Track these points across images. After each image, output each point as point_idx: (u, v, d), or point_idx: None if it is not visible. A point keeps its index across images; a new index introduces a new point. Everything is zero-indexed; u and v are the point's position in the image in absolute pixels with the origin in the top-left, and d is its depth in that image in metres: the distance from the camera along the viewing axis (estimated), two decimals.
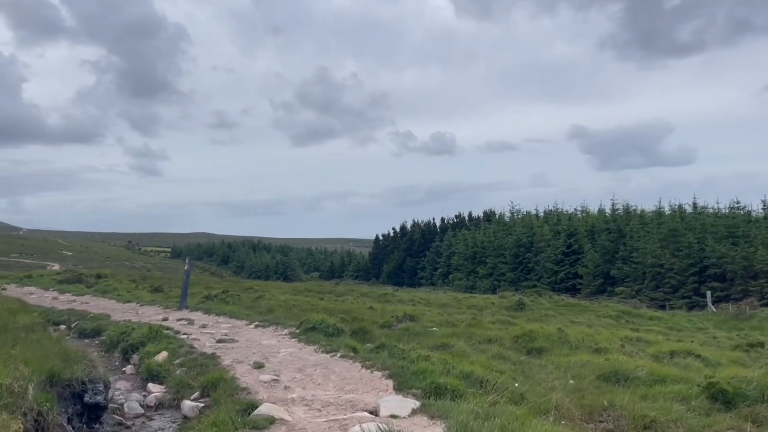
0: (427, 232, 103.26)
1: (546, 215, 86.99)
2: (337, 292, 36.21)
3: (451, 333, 12.76)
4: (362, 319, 13.83)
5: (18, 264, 69.93)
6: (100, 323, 10.20)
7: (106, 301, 15.00)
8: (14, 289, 19.46)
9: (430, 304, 36.54)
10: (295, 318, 14.06)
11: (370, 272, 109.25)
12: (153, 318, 11.43)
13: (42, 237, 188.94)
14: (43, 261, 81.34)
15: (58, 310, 12.64)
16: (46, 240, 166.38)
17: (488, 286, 76.61)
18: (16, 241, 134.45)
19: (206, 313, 12.08)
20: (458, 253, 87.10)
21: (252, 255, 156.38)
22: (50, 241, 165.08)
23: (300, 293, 33.46)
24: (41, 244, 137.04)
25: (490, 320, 19.23)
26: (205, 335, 9.52)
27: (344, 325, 12.04)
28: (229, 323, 10.82)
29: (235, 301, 15.72)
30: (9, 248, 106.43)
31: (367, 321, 13.89)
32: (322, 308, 16.21)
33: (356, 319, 13.89)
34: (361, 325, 10.80)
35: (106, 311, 12.51)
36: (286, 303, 17.60)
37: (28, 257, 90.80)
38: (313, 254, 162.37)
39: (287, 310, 15.59)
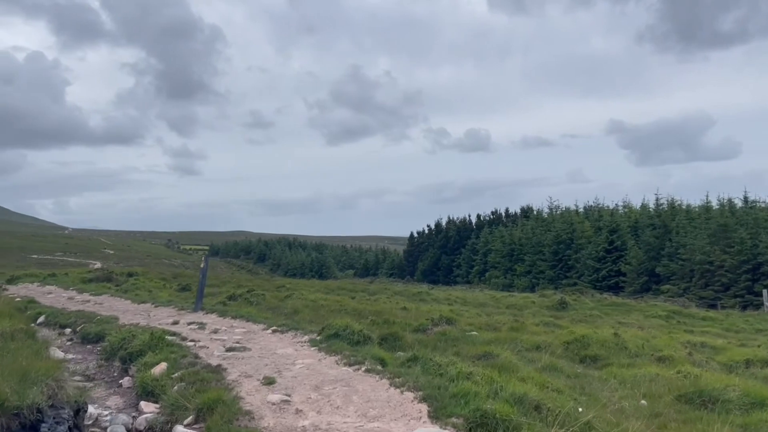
0: (463, 229, 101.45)
1: (586, 211, 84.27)
2: (370, 290, 35.10)
3: (492, 338, 11.46)
4: (393, 322, 12.62)
5: (62, 262, 71.26)
6: (104, 327, 9.28)
7: (121, 302, 14.17)
8: (35, 288, 18.91)
9: (467, 303, 35.14)
10: (322, 320, 12.95)
11: (405, 270, 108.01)
12: (163, 321, 10.47)
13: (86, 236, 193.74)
14: (85, 259, 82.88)
15: (68, 311, 11.82)
16: (89, 239, 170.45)
17: (526, 285, 74.53)
18: (61, 240, 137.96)
19: (222, 315, 11.08)
20: (495, 251, 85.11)
21: (288, 253, 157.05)
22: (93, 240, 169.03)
23: (332, 292, 32.45)
24: (85, 243, 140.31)
25: (533, 322, 17.81)
26: (215, 342, 8.46)
27: (372, 330, 10.85)
28: (245, 328, 9.76)
29: (258, 301, 14.71)
30: (54, 247, 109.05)
31: (398, 324, 12.68)
32: (351, 309, 15.06)
33: (387, 321, 12.69)
34: (391, 330, 9.58)
35: (117, 313, 11.62)
36: (314, 303, 16.53)
37: (72, 255, 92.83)
38: (348, 252, 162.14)
39: (314, 311, 14.50)
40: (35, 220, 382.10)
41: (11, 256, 73.97)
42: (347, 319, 9.00)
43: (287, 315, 12.91)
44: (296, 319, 12.07)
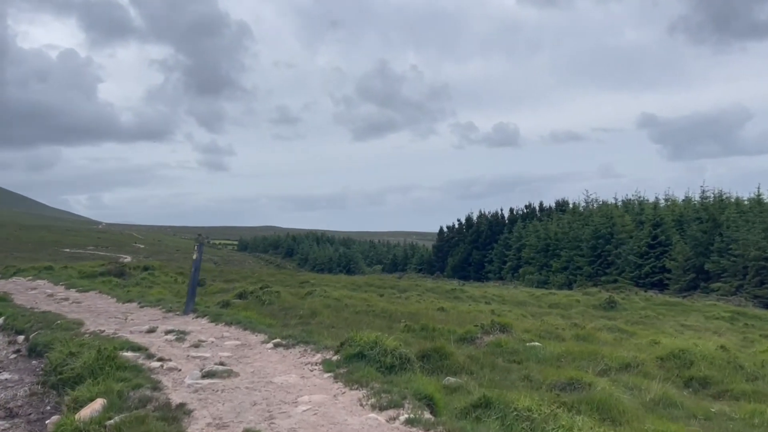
0: (495, 224, 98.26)
1: (625, 204, 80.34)
2: (399, 287, 32.66)
3: (562, 352, 8.91)
4: (433, 329, 10.17)
5: (93, 256, 70.86)
6: (57, 336, 7.08)
7: (104, 300, 12.05)
8: (22, 282, 17.04)
9: (505, 301, 32.50)
10: (344, 324, 10.55)
11: (434, 265, 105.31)
12: (137, 328, 8.24)
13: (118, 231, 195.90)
14: (116, 253, 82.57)
15: (35, 312, 9.74)
16: (121, 233, 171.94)
17: (563, 281, 71.31)
18: (94, 235, 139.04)
19: (214, 320, 8.78)
20: (529, 246, 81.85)
21: (315, 248, 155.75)
22: (125, 234, 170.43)
23: (358, 288, 30.11)
24: (117, 238, 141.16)
25: (593, 327, 15.19)
26: (191, 361, 6.15)
27: (408, 340, 8.42)
28: (239, 339, 7.41)
29: (272, 300, 12.41)
30: (87, 241, 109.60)
31: (439, 331, 10.22)
32: (380, 311, 12.65)
33: (425, 328, 10.24)
34: (435, 345, 7.11)
35: (89, 315, 9.48)
36: (337, 302, 14.18)
37: (103, 250, 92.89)
38: (376, 247, 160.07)
39: (336, 312, 12.13)
40: (70, 215, 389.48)
41: (45, 250, 73.76)
42: (375, 332, 6.54)
43: (302, 318, 10.56)
44: (312, 325, 9.71)
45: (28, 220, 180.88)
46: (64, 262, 44.38)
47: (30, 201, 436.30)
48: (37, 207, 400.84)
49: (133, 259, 60.15)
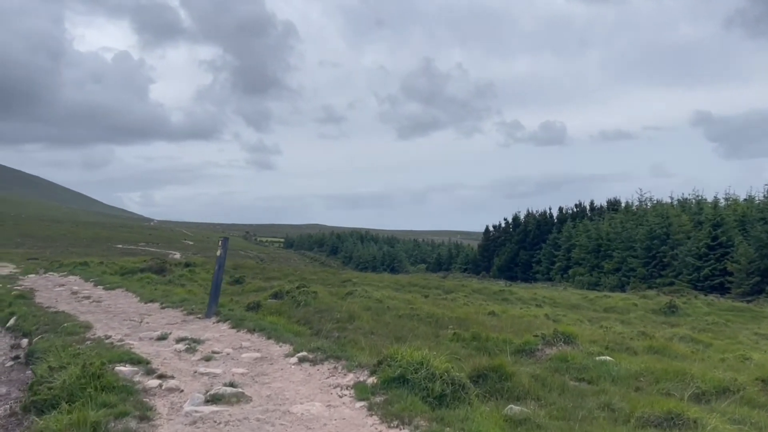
0: (543, 223, 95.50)
1: (681, 204, 76.54)
2: (445, 287, 31.36)
3: (641, 369, 7.56)
4: (486, 338, 8.96)
5: (144, 252, 72.38)
6: (57, 342, 6.22)
7: (127, 300, 11.29)
8: (53, 278, 16.64)
9: (556, 304, 30.81)
10: (385, 331, 9.44)
11: (480, 265, 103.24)
12: (151, 333, 7.35)
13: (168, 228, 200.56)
14: (166, 250, 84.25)
15: (48, 312, 9.04)
16: (171, 230, 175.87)
17: (615, 283, 68.45)
18: (146, 231, 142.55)
19: (236, 326, 7.79)
20: (579, 246, 79.03)
21: (359, 246, 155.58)
22: (176, 231, 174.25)
23: (402, 288, 28.98)
24: (167, 234, 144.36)
25: (663, 335, 13.65)
26: (197, 380, 5.16)
27: (460, 354, 7.24)
28: (259, 351, 6.39)
29: (308, 300, 11.41)
30: (138, 237, 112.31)
31: (494, 341, 9.00)
32: (425, 315, 11.48)
33: (477, 337, 9.04)
34: (493, 363, 5.87)
35: (103, 317, 8.69)
36: (378, 304, 13.08)
37: (154, 246, 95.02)
38: (420, 246, 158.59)
39: (376, 316, 11.03)
40: (123, 212, 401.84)
41: (98, 246, 75.61)
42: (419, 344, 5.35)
43: (339, 323, 9.50)
44: (348, 331, 8.63)
45: (84, 217, 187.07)
46: (116, 257, 44.92)
47: (86, 198, 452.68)
48: (93, 204, 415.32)
49: (181, 255, 60.95)
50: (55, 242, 73.50)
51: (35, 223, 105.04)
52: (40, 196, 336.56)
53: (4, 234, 77.12)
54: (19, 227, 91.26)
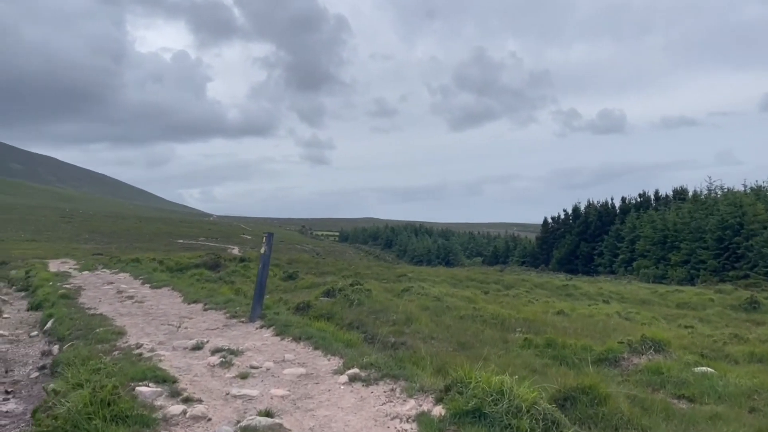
0: (605, 214, 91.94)
1: (755, 192, 71.88)
2: (504, 282, 30.07)
3: (755, 386, 6.37)
4: (563, 345, 7.91)
5: (203, 246, 74.07)
6: (82, 352, 5.63)
7: (171, 300, 10.77)
8: (104, 275, 16.49)
9: (624, 299, 29.06)
10: (446, 335, 8.52)
11: (538, 258, 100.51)
12: (186, 342, 6.67)
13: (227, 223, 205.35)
14: (225, 244, 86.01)
15: (89, 314, 8.58)
16: (230, 225, 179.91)
17: (683, 276, 65.00)
18: (205, 226, 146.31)
19: (280, 333, 7.00)
20: (644, 237, 75.56)
21: (414, 239, 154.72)
22: (234, 226, 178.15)
23: (459, 283, 27.92)
24: (226, 229, 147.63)
25: (756, 336, 12.16)
26: (228, 405, 4.39)
27: (535, 366, 6.27)
28: (304, 366, 5.57)
29: (361, 300, 10.62)
30: (198, 232, 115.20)
31: (571, 347, 7.95)
32: (489, 316, 10.48)
33: (552, 344, 8.01)
34: (582, 383, 4.83)
35: (141, 320, 8.13)
36: (437, 302, 12.16)
37: (213, 240, 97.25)
38: (476, 238, 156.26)
39: (436, 317, 10.13)
40: (184, 208, 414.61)
41: (160, 241, 77.71)
42: (500, 378, 4.35)
43: (395, 326, 8.65)
44: (406, 336, 7.76)
45: (147, 213, 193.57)
46: (176, 252, 45.77)
47: (149, 195, 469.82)
48: (156, 200, 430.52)
49: (239, 249, 61.87)
50: (120, 238, 75.86)
51: (102, 220, 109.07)
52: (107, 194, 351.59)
53: (73, 230, 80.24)
54: (87, 223, 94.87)
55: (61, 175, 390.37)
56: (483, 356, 7.09)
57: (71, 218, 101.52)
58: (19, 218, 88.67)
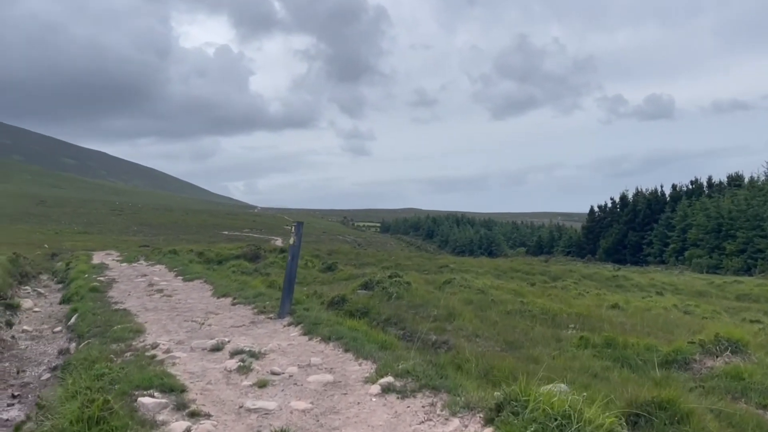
0: (654, 202, 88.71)
1: None
2: (550, 273, 28.96)
3: None
4: (625, 345, 7.12)
5: (247, 238, 75.07)
6: (92, 354, 5.19)
7: (200, 293, 10.38)
8: (140, 267, 16.35)
9: (679, 291, 27.63)
10: (492, 332, 7.82)
11: (584, 248, 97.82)
12: (206, 341, 6.17)
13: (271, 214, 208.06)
14: (268, 236, 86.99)
15: (112, 309, 8.23)
16: (274, 217, 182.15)
17: (739, 266, 62.14)
18: (250, 218, 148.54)
19: (309, 332, 6.41)
20: (696, 226, 72.58)
21: (456, 229, 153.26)
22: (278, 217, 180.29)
23: (503, 275, 26.99)
24: (270, 221, 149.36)
25: None
26: (241, 421, 3.83)
27: (594, 369, 5.57)
28: (332, 371, 4.96)
29: (400, 293, 10.01)
30: (243, 224, 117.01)
31: (633, 347, 7.14)
32: (539, 311, 9.70)
33: (611, 343, 7.22)
34: (660, 397, 4.07)
35: (169, 314, 7.71)
36: (481, 296, 11.43)
37: (257, 232, 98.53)
38: (519, 228, 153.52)
39: (481, 312, 9.42)
40: (230, 200, 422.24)
41: (206, 233, 79.05)
42: (562, 402, 3.59)
43: (436, 322, 8.00)
44: (447, 336, 7.10)
45: (193, 205, 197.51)
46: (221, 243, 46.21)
47: (195, 188, 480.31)
48: (202, 193, 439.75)
49: (282, 240, 62.37)
50: (167, 230, 77.30)
51: (150, 212, 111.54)
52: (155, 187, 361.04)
53: (123, 223, 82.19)
54: (136, 216, 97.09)
55: (112, 169, 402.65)
56: (534, 358, 6.37)
57: (121, 211, 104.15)
58: (72, 211, 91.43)
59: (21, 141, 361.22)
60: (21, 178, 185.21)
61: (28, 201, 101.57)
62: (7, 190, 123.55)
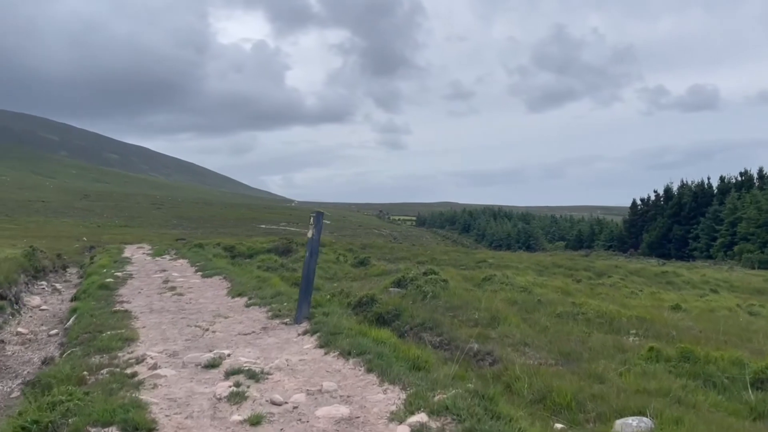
0: (701, 195, 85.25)
1: None
2: (595, 269, 27.49)
3: None
4: (706, 359, 5.98)
5: (284, 231, 75.28)
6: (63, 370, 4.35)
7: (214, 292, 9.55)
8: (163, 262, 15.69)
9: (734, 288, 25.86)
10: (544, 342, 6.79)
11: (626, 242, 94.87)
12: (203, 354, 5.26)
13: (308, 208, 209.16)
14: (305, 229, 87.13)
15: (111, 311, 7.44)
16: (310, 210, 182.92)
17: None
18: (287, 212, 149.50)
19: (325, 344, 5.33)
20: (747, 219, 69.36)
21: (492, 223, 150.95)
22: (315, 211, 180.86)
23: (545, 270, 25.69)
24: (306, 214, 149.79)
25: None
26: None
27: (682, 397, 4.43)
28: (347, 402, 3.89)
29: (436, 292, 9.03)
30: (280, 218, 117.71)
31: (715, 361, 6.00)
32: (593, 313, 8.57)
33: (687, 356, 6.10)
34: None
35: (173, 317, 6.90)
36: (525, 295, 10.36)
37: (294, 225, 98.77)
38: (558, 222, 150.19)
39: (527, 315, 8.36)
40: (267, 194, 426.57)
41: (244, 226, 79.46)
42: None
43: (478, 327, 7.00)
44: (491, 345, 6.10)
45: (232, 199, 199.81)
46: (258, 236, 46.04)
47: (234, 182, 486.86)
48: (240, 187, 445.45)
49: None
50: (206, 223, 77.82)
51: (190, 206, 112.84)
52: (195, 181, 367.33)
53: (163, 216, 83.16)
54: (176, 210, 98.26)
55: (153, 164, 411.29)
56: (598, 375, 5.31)
57: (161, 205, 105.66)
58: (114, 205, 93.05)
59: (67, 137, 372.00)
60: (67, 173, 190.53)
61: (73, 195, 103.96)
62: (54, 185, 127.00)
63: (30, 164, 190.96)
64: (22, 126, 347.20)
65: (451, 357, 6.08)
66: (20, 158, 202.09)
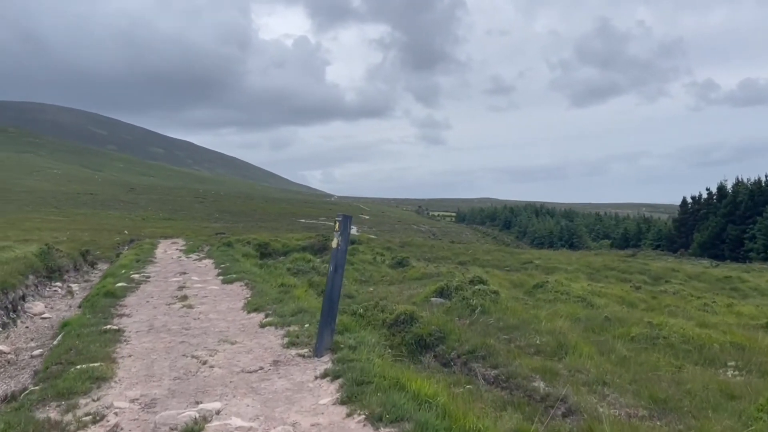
0: (758, 193, 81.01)
1: None
2: (650, 272, 25.59)
3: None
4: None
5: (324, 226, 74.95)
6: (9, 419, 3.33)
7: (228, 304, 8.38)
8: (187, 262, 14.77)
9: None
10: (626, 378, 5.46)
11: (675, 242, 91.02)
12: (187, 412, 4.08)
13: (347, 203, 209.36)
14: None
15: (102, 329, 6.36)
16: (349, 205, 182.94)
17: None
18: (326, 206, 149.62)
19: (349, 399, 3.84)
20: None
21: (534, 220, 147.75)
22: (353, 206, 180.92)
23: (596, 273, 24.00)
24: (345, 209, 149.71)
25: None
26: None
27: None
28: None
29: (486, 306, 7.78)
30: (319, 212, 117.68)
31: None
32: (679, 338, 7.14)
33: None
34: None
35: (172, 341, 5.84)
36: (589, 311, 8.99)
37: (332, 221, 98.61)
38: (602, 220, 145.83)
39: (596, 336, 7.03)
40: (308, 189, 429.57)
41: (284, 220, 79.44)
42: None
43: (540, 353, 5.73)
44: (560, 378, 4.82)
45: (273, 194, 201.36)
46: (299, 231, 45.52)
47: (275, 176, 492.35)
48: (281, 182, 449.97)
49: (358, 229, 61.36)
50: (247, 217, 77.94)
51: (232, 200, 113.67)
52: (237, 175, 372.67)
53: (205, 210, 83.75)
54: (218, 203, 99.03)
55: (197, 158, 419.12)
56: None
57: (204, 198, 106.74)
58: (159, 198, 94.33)
59: (115, 131, 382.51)
60: (114, 167, 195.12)
61: (120, 188, 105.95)
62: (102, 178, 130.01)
63: (79, 158, 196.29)
64: (72, 120, 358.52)
65: (510, 399, 4.83)
66: (70, 152, 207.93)
